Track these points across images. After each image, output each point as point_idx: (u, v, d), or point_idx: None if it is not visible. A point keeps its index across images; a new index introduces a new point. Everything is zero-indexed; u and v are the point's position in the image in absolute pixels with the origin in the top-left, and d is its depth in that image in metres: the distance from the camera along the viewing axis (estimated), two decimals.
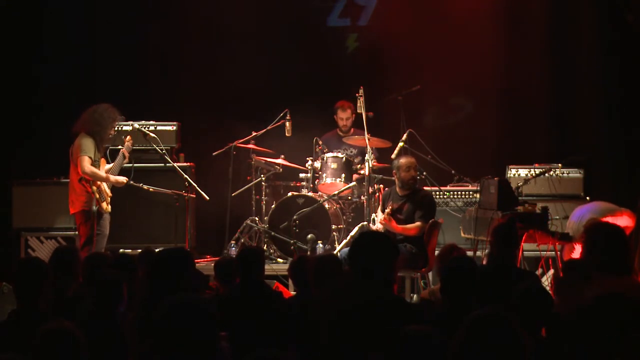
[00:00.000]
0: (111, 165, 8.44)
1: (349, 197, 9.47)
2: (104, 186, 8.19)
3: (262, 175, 9.59)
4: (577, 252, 7.34)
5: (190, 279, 4.34)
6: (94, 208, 8.04)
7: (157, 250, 5.74)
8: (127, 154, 8.49)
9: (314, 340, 4.15)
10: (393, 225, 7.92)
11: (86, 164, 8.04)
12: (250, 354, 2.89)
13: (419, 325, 3.14)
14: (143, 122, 9.43)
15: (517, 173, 9.33)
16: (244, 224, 9.47)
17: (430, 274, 8.27)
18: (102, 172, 8.13)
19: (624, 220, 7.39)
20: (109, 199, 8.23)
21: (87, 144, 8.10)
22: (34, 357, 3.49)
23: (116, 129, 8.51)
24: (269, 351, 2.88)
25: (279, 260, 9.16)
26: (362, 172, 9.12)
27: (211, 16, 10.45)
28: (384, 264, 4.29)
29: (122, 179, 8.31)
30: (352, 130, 9.76)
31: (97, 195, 8.08)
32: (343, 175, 9.28)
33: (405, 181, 8.12)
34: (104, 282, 4.53)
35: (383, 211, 8.13)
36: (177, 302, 2.95)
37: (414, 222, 8.01)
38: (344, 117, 9.73)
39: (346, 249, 8.14)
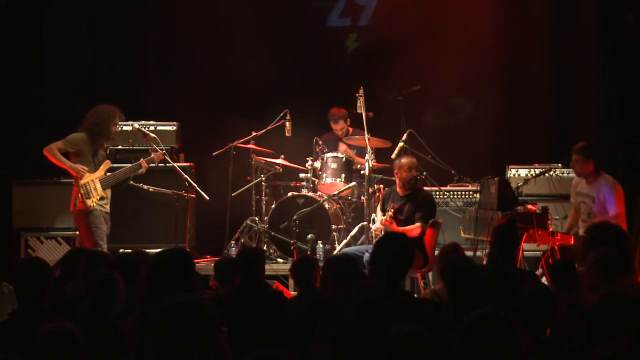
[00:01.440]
0: (125, 167, 8.51)
1: (349, 197, 9.47)
2: (95, 184, 8.18)
3: (262, 175, 9.60)
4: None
5: (190, 279, 4.34)
6: (75, 202, 8.10)
7: (155, 250, 5.74)
8: (144, 166, 8.52)
9: (323, 339, 4.15)
10: (394, 227, 7.91)
11: (52, 144, 8.16)
12: (250, 354, 2.89)
13: (409, 323, 3.14)
14: (143, 122, 9.44)
15: (517, 173, 9.33)
16: (244, 224, 9.47)
17: (430, 274, 8.28)
18: (59, 155, 8.14)
19: None
20: (102, 197, 8.21)
21: (74, 137, 8.25)
22: (34, 357, 3.49)
23: (118, 127, 8.53)
24: (269, 351, 2.88)
25: (279, 260, 9.16)
26: (362, 171, 9.13)
27: (211, 16, 10.46)
28: (402, 265, 4.32)
29: (79, 168, 8.21)
30: (351, 130, 9.76)
31: (82, 191, 8.11)
32: (343, 175, 9.28)
33: (406, 181, 8.12)
34: (98, 282, 4.53)
35: (383, 211, 8.13)
36: (176, 303, 2.94)
37: (414, 223, 8.00)
38: (337, 128, 9.76)
39: (345, 249, 8.15)
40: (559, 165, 9.11)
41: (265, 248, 9.13)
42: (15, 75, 10.25)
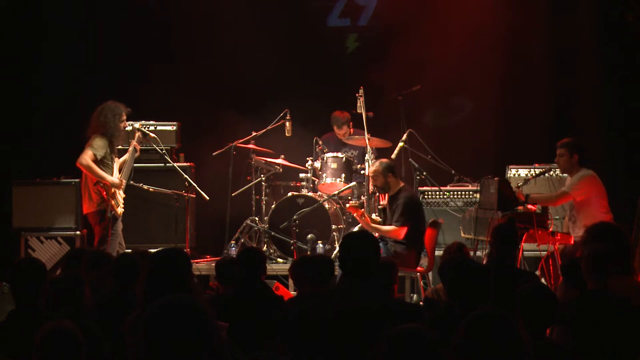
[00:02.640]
0: (122, 159, 8.50)
1: (349, 197, 9.47)
2: (120, 190, 8.22)
3: (262, 175, 9.60)
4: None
5: (191, 279, 4.33)
6: (110, 214, 8.07)
7: (154, 250, 5.75)
8: (138, 147, 8.53)
9: (311, 342, 4.15)
10: (367, 221, 8.05)
11: (86, 157, 8.09)
12: (250, 354, 2.88)
13: (412, 323, 3.14)
14: (143, 122, 9.44)
15: (517, 173, 9.33)
16: (244, 224, 9.47)
17: (430, 274, 8.28)
18: (98, 170, 8.11)
19: None
20: (122, 201, 8.29)
21: (98, 142, 8.17)
22: (34, 356, 3.49)
23: (127, 123, 8.50)
24: (265, 354, 2.87)
25: (279, 260, 9.16)
26: (362, 171, 9.15)
27: (211, 16, 10.46)
28: (371, 265, 4.32)
29: (117, 182, 8.22)
30: (352, 130, 9.77)
31: (113, 202, 8.11)
32: (343, 175, 9.28)
33: (375, 187, 8.24)
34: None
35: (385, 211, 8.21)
36: (166, 303, 2.93)
37: None
38: (340, 133, 9.77)
39: None
40: None
41: (265, 248, 9.13)
42: (16, 75, 10.25)
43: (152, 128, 9.37)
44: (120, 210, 8.22)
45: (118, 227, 8.26)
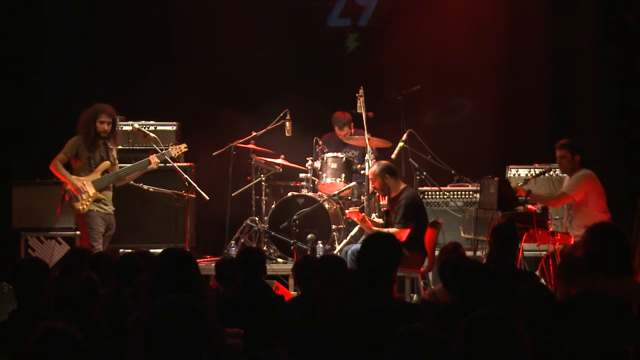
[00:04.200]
0: (131, 164, 8.52)
1: (349, 197, 9.48)
2: (81, 184, 8.17)
3: (262, 175, 9.60)
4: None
5: (198, 278, 4.33)
6: (62, 206, 8.22)
7: (156, 250, 5.75)
8: (153, 162, 8.51)
9: (316, 342, 4.15)
10: (369, 225, 8.03)
11: (55, 160, 8.24)
12: (250, 354, 2.88)
13: (420, 324, 3.14)
14: (143, 122, 9.44)
15: (517, 173, 9.34)
16: (244, 224, 9.47)
17: (430, 274, 8.28)
18: (62, 172, 8.19)
19: None
20: (97, 198, 8.21)
21: (69, 143, 8.30)
22: (31, 356, 3.49)
23: (106, 123, 8.45)
24: (265, 354, 2.87)
25: (279, 260, 9.16)
26: (362, 171, 9.15)
27: (211, 16, 10.46)
28: (391, 267, 4.32)
29: (78, 186, 8.24)
30: (352, 131, 9.77)
31: (68, 196, 8.17)
32: (343, 175, 9.28)
33: (377, 190, 8.23)
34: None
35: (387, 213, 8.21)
36: (166, 303, 2.92)
37: None
38: (342, 134, 9.78)
39: (352, 246, 8.17)
40: None
41: (265, 248, 9.13)
42: (16, 75, 10.25)
43: (152, 128, 9.38)
44: (80, 206, 8.18)
45: (93, 223, 8.21)
